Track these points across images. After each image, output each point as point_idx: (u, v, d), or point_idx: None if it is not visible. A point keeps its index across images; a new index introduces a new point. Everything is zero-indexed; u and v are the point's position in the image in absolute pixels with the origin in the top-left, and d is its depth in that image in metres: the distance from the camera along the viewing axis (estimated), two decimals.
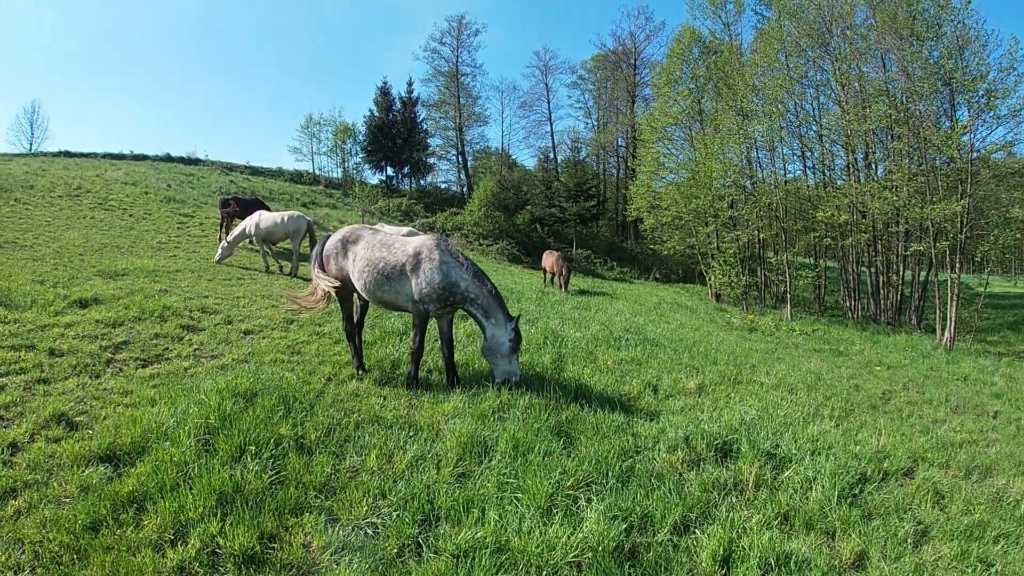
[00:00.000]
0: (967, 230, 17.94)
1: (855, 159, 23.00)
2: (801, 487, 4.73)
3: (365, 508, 3.66)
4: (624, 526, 3.71)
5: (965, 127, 17.79)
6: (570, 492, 4.08)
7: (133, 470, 3.76)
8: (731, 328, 18.42)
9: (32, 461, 3.87)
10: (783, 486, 4.74)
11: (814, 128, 24.37)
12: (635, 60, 45.45)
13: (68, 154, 32.12)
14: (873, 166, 22.65)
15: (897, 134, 20.07)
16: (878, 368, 13.75)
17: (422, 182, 46.48)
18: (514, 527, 3.59)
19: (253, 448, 4.04)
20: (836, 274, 27.34)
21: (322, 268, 6.75)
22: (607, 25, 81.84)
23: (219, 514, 3.35)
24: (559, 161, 47.49)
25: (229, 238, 14.04)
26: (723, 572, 3.51)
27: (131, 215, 17.28)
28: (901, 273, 22.80)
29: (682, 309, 21.00)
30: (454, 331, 6.80)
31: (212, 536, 3.18)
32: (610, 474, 4.38)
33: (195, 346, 7.02)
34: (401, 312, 6.76)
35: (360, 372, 6.53)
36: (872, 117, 20.36)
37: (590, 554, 3.42)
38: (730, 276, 24.34)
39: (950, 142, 17.74)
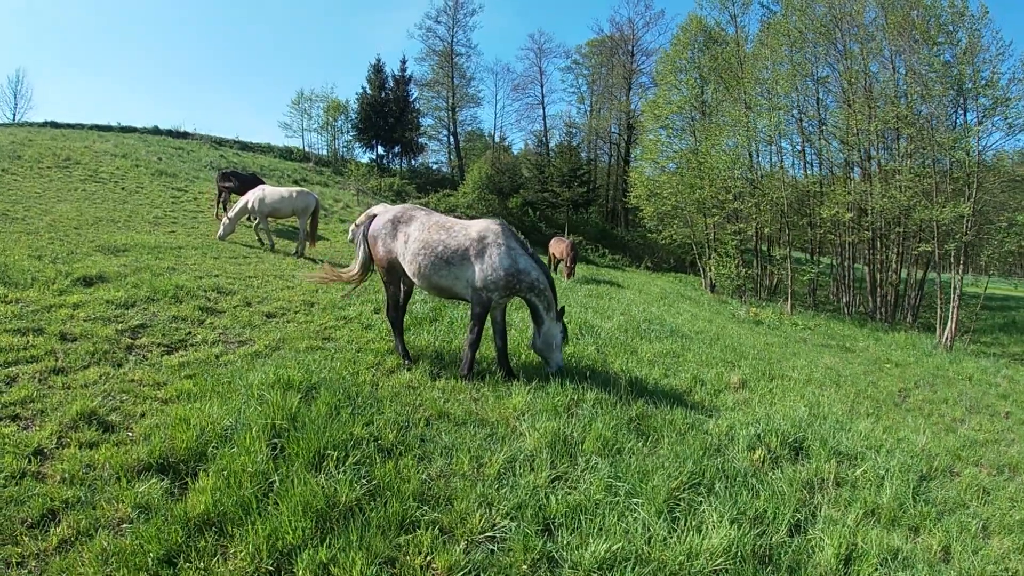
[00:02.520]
0: (972, 233, 17.97)
1: (860, 157, 22.86)
2: (875, 484, 4.78)
3: (479, 519, 3.22)
4: (757, 529, 3.59)
5: (975, 131, 17.70)
6: (679, 494, 3.85)
7: (199, 483, 3.18)
8: (738, 320, 18.27)
9: (67, 473, 3.25)
10: (860, 484, 4.78)
11: (815, 124, 24.23)
12: (632, 47, 44.79)
13: (54, 124, 30.79)
14: (878, 165, 22.54)
15: (905, 135, 19.95)
16: (888, 366, 13.90)
17: (413, 162, 45.42)
18: (642, 534, 3.33)
19: (334, 453, 3.50)
20: (828, 269, 27.39)
21: (368, 249, 6.31)
22: (604, 10, 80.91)
23: (321, 536, 2.84)
24: (551, 145, 46.78)
25: (231, 214, 13.25)
26: (845, 571, 3.47)
27: (123, 188, 16.31)
28: (899, 271, 22.85)
29: (686, 300, 20.79)
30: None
31: (323, 564, 2.66)
32: (706, 474, 4.21)
33: (219, 330, 6.41)
34: (453, 299, 6.26)
35: (406, 362, 6.05)
36: (880, 117, 20.19)
37: (731, 561, 3.23)
38: (730, 268, 24.17)
39: (959, 144, 17.67)
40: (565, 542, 3.17)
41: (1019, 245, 17.68)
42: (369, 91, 40.91)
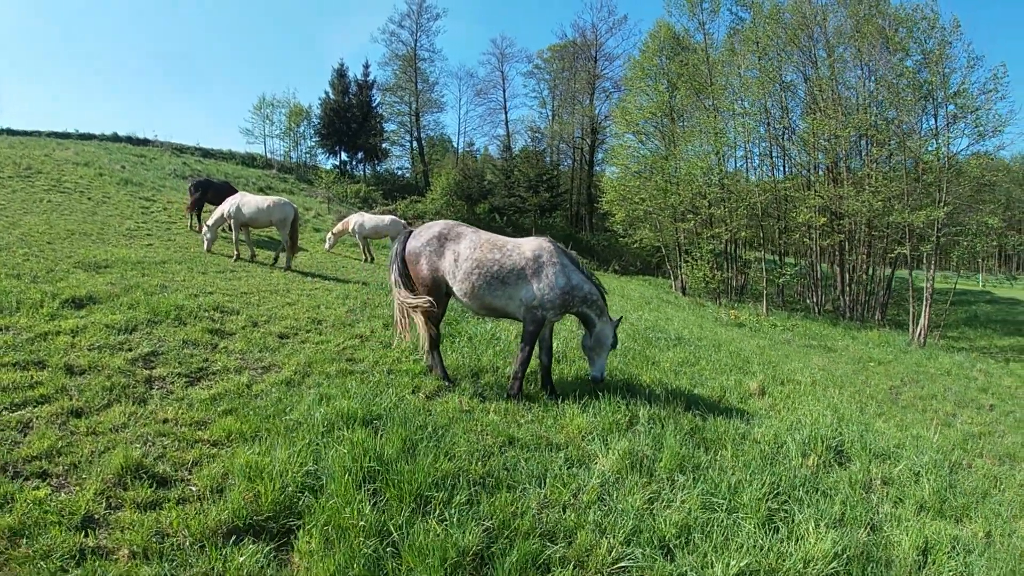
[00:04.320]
0: (944, 235, 18.70)
1: (833, 162, 23.48)
2: (914, 481, 5.04)
3: (605, 550, 3.08)
4: (859, 533, 3.73)
5: (946, 138, 18.41)
6: (771, 505, 3.92)
7: (301, 544, 2.75)
8: (721, 324, 18.44)
9: (137, 545, 2.73)
10: (903, 481, 5.00)
11: (787, 129, 24.83)
12: (596, 52, 45.14)
13: (10, 132, 29.05)
14: (847, 168, 23.22)
15: (877, 140, 20.59)
16: (872, 364, 14.40)
17: (377, 168, 44.51)
18: (756, 548, 3.35)
19: (437, 494, 3.19)
20: (797, 270, 28.11)
21: (403, 268, 5.94)
22: (567, 16, 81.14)
23: None
24: (514, 150, 46.70)
25: (209, 223, 12.52)
26: (924, 561, 3.68)
27: (89, 198, 15.20)
28: (869, 271, 23.57)
29: (668, 304, 20.89)
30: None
31: None
32: (782, 483, 4.30)
33: (236, 355, 5.90)
34: (508, 319, 6.02)
35: (448, 383, 5.78)
36: (853, 123, 20.79)
37: (841, 563, 3.34)
38: (704, 271, 24.47)
39: (928, 149, 18.39)
40: (689, 563, 3.12)
41: (989, 246, 18.47)
42: (332, 96, 39.95)
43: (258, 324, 7.16)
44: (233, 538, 2.81)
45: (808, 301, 26.01)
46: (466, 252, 5.56)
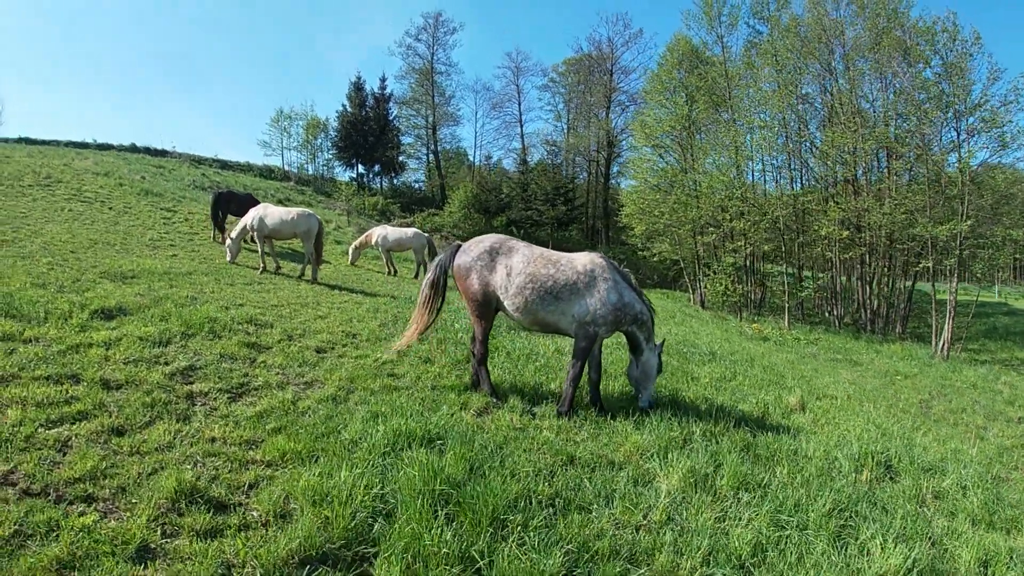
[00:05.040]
0: (964, 247, 18.40)
1: (855, 175, 23.20)
2: (962, 494, 5.02)
3: (687, 571, 3.01)
4: (924, 547, 3.70)
5: (970, 152, 18.16)
6: (839, 522, 3.91)
7: (382, 573, 2.55)
8: (746, 338, 18.16)
9: None
10: (953, 495, 4.98)
11: (807, 143, 24.62)
12: (611, 66, 45.16)
13: (29, 141, 29.50)
14: (867, 180, 22.95)
15: (897, 153, 20.34)
16: (898, 378, 14.30)
17: (394, 181, 44.65)
18: (823, 564, 3.31)
19: (515, 517, 3.04)
20: (817, 283, 27.69)
21: (436, 284, 5.89)
22: (582, 29, 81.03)
23: None
24: (530, 163, 46.67)
25: (232, 235, 12.45)
26: (984, 573, 3.70)
27: (111, 208, 15.21)
28: (891, 284, 23.23)
29: (691, 318, 20.63)
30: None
31: None
32: (841, 499, 4.29)
33: (276, 370, 5.72)
34: (559, 334, 5.98)
35: (495, 400, 5.61)
36: (872, 136, 20.58)
37: None
38: (725, 285, 24.17)
39: (951, 162, 18.18)
40: None
41: (1013, 259, 18.14)
42: (349, 109, 40.17)
43: (293, 338, 6.99)
44: (307, 568, 2.60)
45: (828, 314, 25.63)
46: (519, 266, 5.47)
